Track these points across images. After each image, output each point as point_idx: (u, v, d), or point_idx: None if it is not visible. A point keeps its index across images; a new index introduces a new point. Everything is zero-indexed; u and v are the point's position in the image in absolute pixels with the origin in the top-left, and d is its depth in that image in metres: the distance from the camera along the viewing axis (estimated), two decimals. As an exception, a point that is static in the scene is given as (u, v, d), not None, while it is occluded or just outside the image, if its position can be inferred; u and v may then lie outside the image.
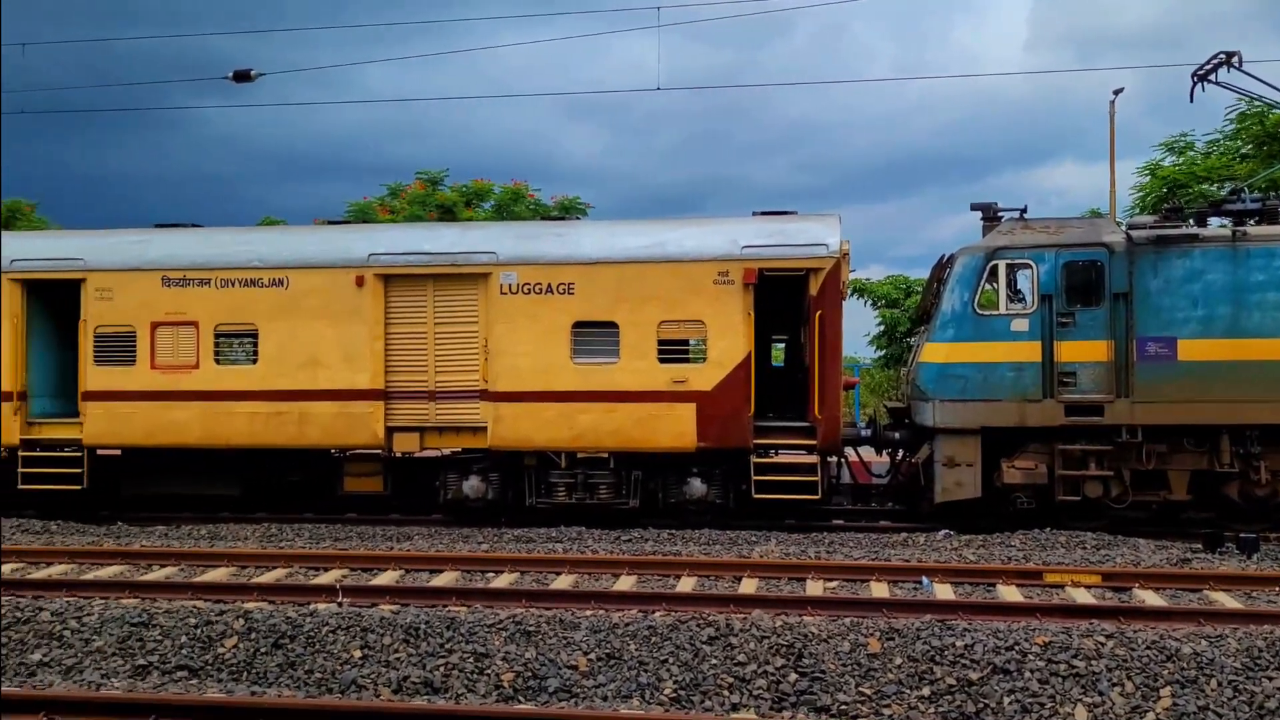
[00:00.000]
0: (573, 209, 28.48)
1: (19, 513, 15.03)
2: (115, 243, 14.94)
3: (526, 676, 7.43)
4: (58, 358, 15.42)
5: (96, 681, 7.42)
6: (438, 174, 29.53)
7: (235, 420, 14.22)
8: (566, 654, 7.68)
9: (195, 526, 14.05)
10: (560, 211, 28.14)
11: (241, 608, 8.69)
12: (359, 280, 14.08)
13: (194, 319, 14.42)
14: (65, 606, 8.75)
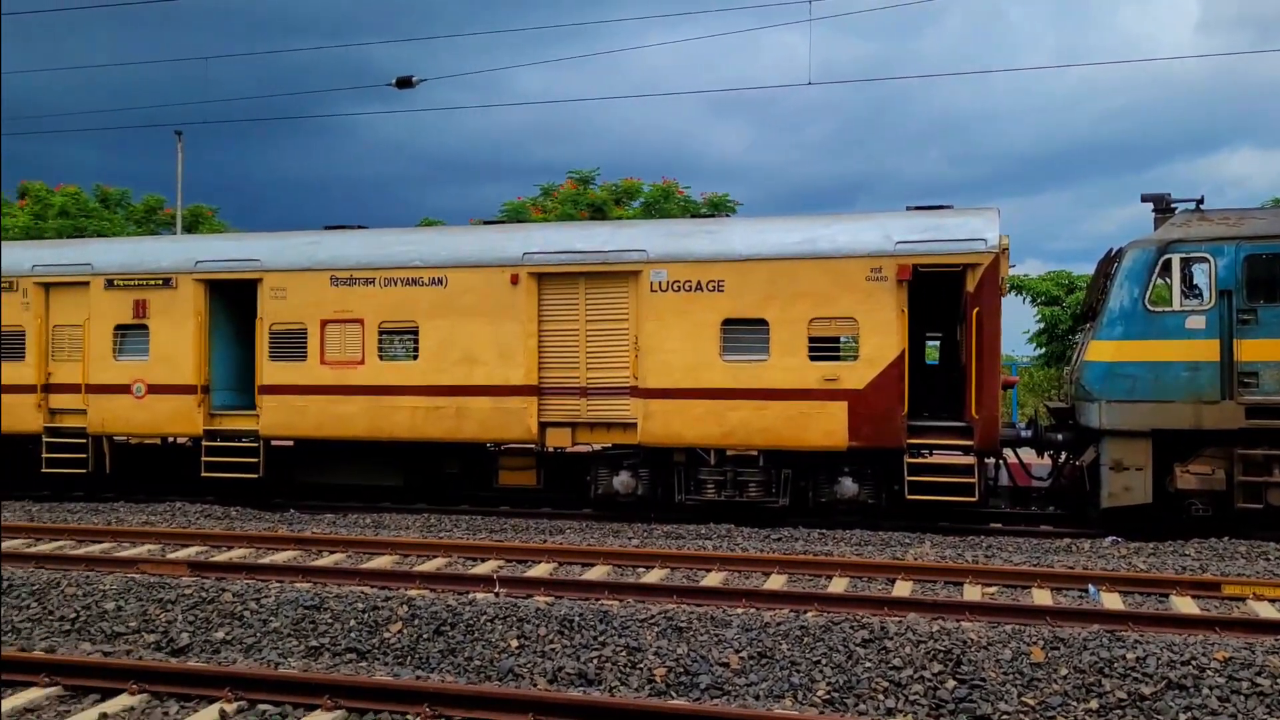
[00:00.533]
0: (722, 206, 28.45)
1: (201, 499, 16.05)
2: (288, 244, 15.74)
3: (679, 672, 7.47)
4: (236, 353, 16.36)
5: (274, 660, 7.84)
6: (588, 173, 29.98)
7: (397, 414, 14.79)
8: (718, 651, 7.70)
9: (361, 515, 14.69)
10: (710, 209, 28.16)
11: (405, 594, 9.05)
12: (513, 279, 14.43)
13: (360, 317, 15.06)
14: (245, 588, 9.29)
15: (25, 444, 16.73)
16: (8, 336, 16.35)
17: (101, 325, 16.01)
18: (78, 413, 16.12)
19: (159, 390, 15.70)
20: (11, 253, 17.28)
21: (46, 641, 8.42)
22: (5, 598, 9.38)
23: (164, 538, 12.68)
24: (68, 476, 16.34)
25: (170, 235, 28.30)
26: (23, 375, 16.25)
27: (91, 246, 17.36)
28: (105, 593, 9.31)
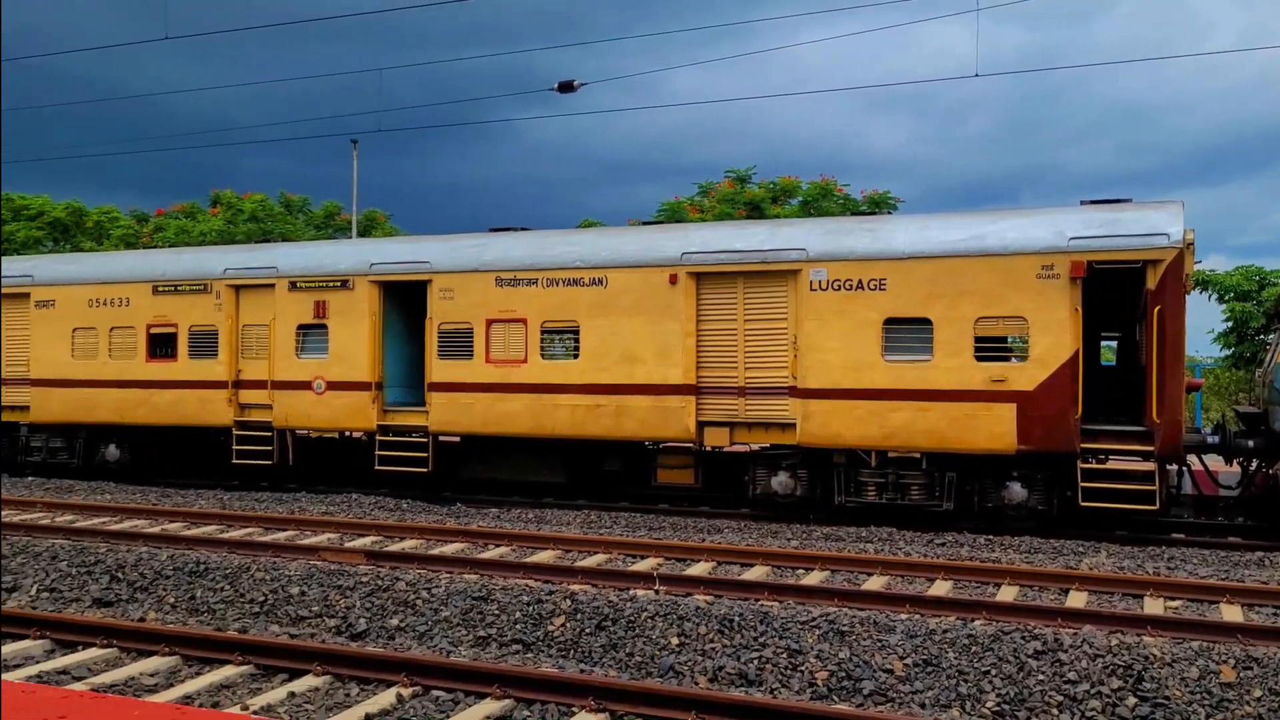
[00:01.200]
0: (882, 203, 27.90)
1: (375, 491, 16.80)
2: (456, 246, 16.30)
3: (840, 676, 7.38)
4: (406, 351, 17.06)
5: (445, 648, 8.15)
6: (745, 172, 29.91)
7: (559, 412, 15.11)
8: (881, 657, 7.56)
9: (524, 510, 15.08)
10: (870, 206, 27.65)
11: (568, 589, 9.24)
12: (672, 278, 14.53)
13: (523, 316, 15.45)
14: (417, 578, 9.68)
15: (218, 436, 17.91)
16: (203, 335, 17.51)
17: (285, 325, 16.95)
18: (264, 407, 17.12)
19: (337, 387, 16.51)
20: (206, 256, 18.53)
21: (239, 622, 8.99)
22: (202, 580, 10.06)
23: (342, 527, 13.34)
24: (255, 467, 17.37)
25: (346, 239, 29.75)
26: (215, 372, 17.37)
27: (276, 250, 18.41)
28: (290, 578, 9.86)
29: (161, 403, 17.70)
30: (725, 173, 30.22)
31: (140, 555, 10.77)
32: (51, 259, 21.07)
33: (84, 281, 18.56)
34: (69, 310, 18.51)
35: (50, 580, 10.36)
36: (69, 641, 8.12)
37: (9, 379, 19.08)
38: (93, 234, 35.08)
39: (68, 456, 18.84)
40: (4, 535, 12.06)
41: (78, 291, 18.49)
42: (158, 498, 16.30)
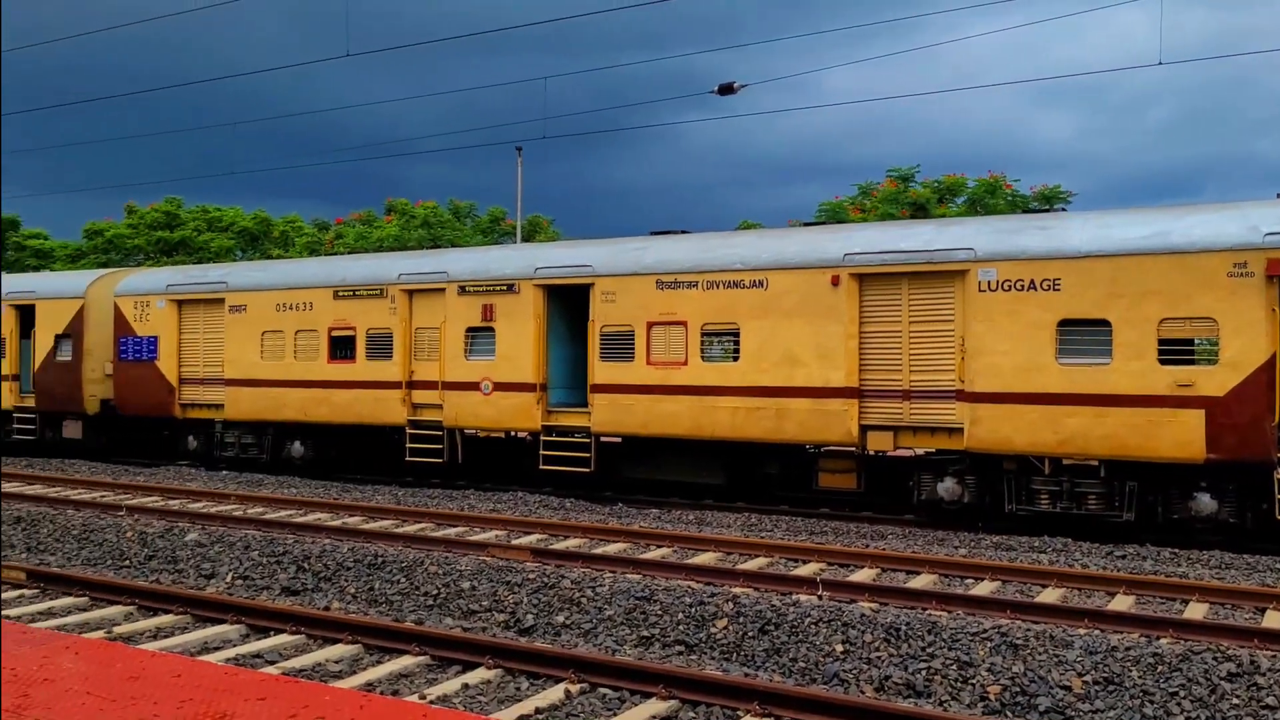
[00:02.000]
0: (1055, 199, 26.79)
1: (539, 489, 17.21)
2: (617, 250, 16.54)
3: (1014, 691, 7.13)
4: (569, 353, 17.42)
5: (610, 647, 8.29)
6: (908, 170, 29.24)
7: (719, 414, 15.13)
8: (1058, 673, 7.26)
9: (684, 512, 15.16)
10: (1040, 202, 26.58)
11: (730, 592, 9.25)
12: (834, 280, 14.34)
13: (683, 319, 15.55)
14: (582, 576, 9.87)
15: (392, 434, 18.72)
16: (379, 338, 18.34)
17: (455, 327, 17.57)
18: (434, 407, 17.80)
19: (503, 388, 17.01)
20: (382, 262, 19.39)
21: (415, 614, 9.37)
22: (380, 572, 10.53)
23: (509, 525, 13.73)
24: (426, 465, 18.07)
25: (511, 244, 30.60)
26: (390, 373, 18.17)
27: (447, 256, 19.11)
28: (461, 573, 10.21)
29: (341, 402, 18.63)
30: (887, 172, 29.67)
31: (324, 547, 11.37)
32: (243, 266, 22.47)
33: (272, 287, 19.72)
34: (259, 314, 19.69)
35: (244, 568, 11.05)
36: (261, 627, 8.65)
37: (206, 379, 20.45)
38: (279, 242, 37.28)
39: (257, 452, 20.05)
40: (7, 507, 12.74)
41: (267, 297, 19.65)
42: (338, 492, 17.16)
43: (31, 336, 22.95)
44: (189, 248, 37.61)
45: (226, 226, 38.22)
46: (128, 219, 40.35)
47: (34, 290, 23.44)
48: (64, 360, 22.34)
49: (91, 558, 11.82)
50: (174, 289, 21.00)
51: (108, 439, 22.57)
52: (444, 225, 34.86)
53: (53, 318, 22.53)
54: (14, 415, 23.26)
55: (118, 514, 14.09)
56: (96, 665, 5.90)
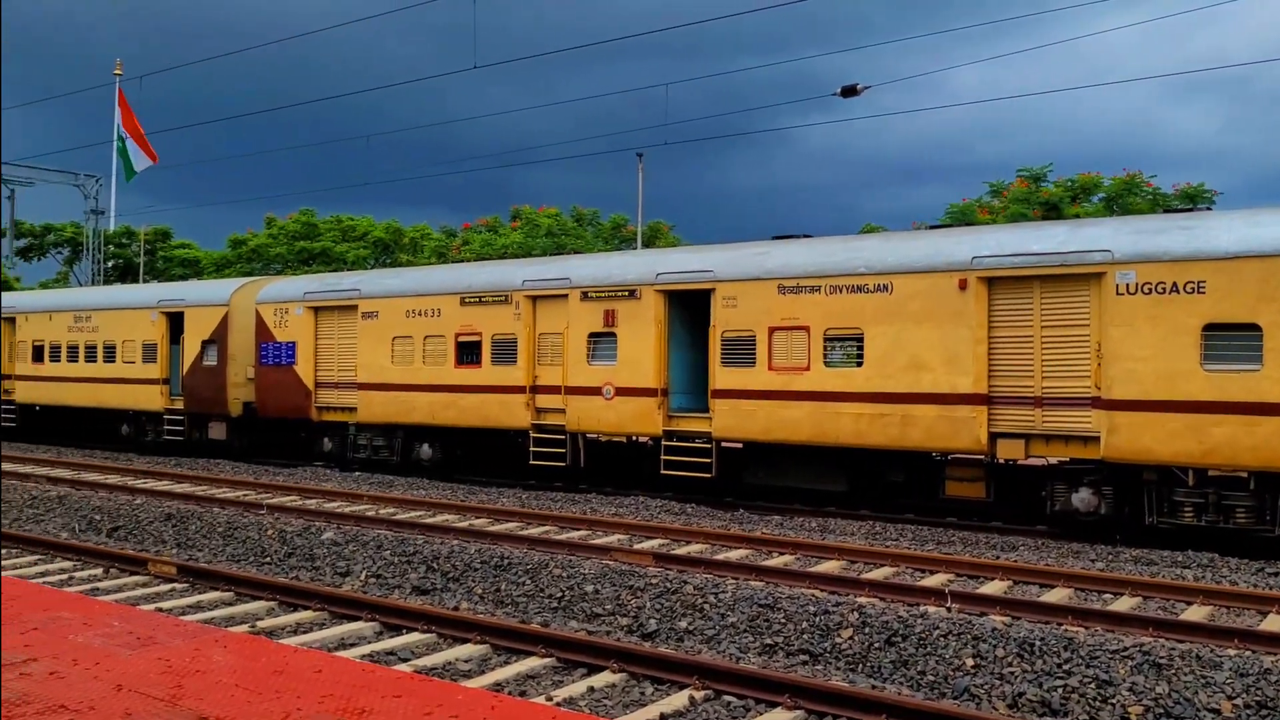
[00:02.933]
0: (1198, 198, 25.56)
1: (660, 494, 17.28)
2: (738, 255, 16.50)
3: (1158, 713, 6.83)
4: (690, 358, 17.45)
5: (734, 654, 8.27)
6: (1040, 170, 28.33)
7: (841, 420, 14.93)
8: (1206, 695, 6.92)
9: (806, 518, 15.01)
10: (1183, 201, 25.41)
11: (855, 601, 9.12)
12: (961, 283, 14.00)
13: (805, 324, 15.39)
14: (704, 582, 9.87)
15: (515, 438, 19.07)
16: (504, 343, 18.71)
17: (577, 333, 17.80)
18: (557, 411, 18.06)
19: (625, 392, 17.14)
20: (506, 269, 19.78)
21: (540, 616, 9.52)
22: (506, 574, 10.74)
23: (631, 529, 13.83)
24: (549, 468, 18.34)
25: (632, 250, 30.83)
26: (515, 377, 18.51)
27: (569, 262, 19.36)
28: (585, 576, 10.34)
29: (467, 406, 19.07)
30: (1018, 171, 28.80)
31: (452, 548, 11.65)
32: (375, 274, 23.23)
33: (402, 294, 20.33)
34: (390, 320, 20.32)
35: (376, 567, 11.41)
36: (394, 625, 8.92)
37: (340, 383, 21.21)
38: (408, 250, 38.42)
39: (388, 454, 20.69)
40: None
41: (397, 303, 20.27)
42: (465, 494, 17.57)
43: (180, 342, 24.21)
44: (327, 257, 39.12)
45: (361, 236, 39.60)
46: (267, 229, 42.20)
47: (183, 298, 24.72)
48: (210, 365, 23.49)
49: (236, 554, 12.39)
50: (311, 296, 21.85)
51: (249, 440, 23.63)
52: (567, 232, 35.40)
53: (200, 324, 23.72)
54: (164, 416, 24.56)
55: (259, 512, 14.73)
56: (243, 658, 6.18)
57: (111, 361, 25.67)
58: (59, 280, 48.70)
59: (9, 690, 5.45)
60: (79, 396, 26.53)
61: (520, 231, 35.81)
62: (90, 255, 42.21)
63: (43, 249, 49.07)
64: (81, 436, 27.73)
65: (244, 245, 42.32)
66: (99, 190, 41.64)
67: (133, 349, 25.18)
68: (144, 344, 24.91)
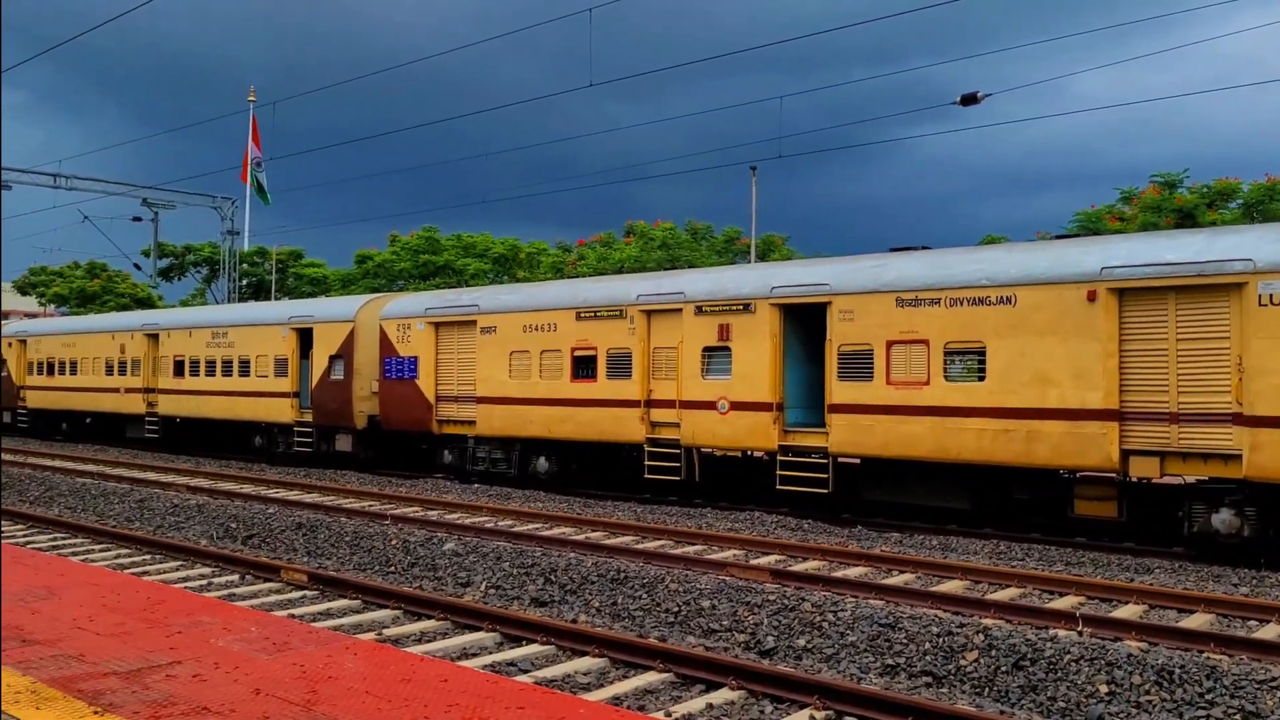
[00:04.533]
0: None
1: (775, 509, 17.13)
2: (855, 268, 16.28)
3: (1311, 750, 6.45)
4: (805, 372, 17.28)
5: (854, 674, 8.13)
6: (1175, 176, 27.18)
7: (963, 436, 14.57)
8: (1365, 732, 6.51)
9: (927, 536, 14.68)
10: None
11: (980, 622, 8.87)
12: (1090, 295, 13.53)
13: (925, 337, 15.09)
14: (823, 600, 9.75)
15: (630, 452, 19.18)
16: (619, 357, 18.86)
17: (692, 347, 17.82)
18: (672, 425, 18.10)
19: (740, 407, 17.08)
20: (621, 284, 19.95)
21: (657, 631, 9.54)
22: (623, 587, 10.79)
23: (747, 544, 13.75)
24: (663, 482, 18.38)
25: (746, 263, 30.72)
26: (630, 391, 18.63)
27: (683, 277, 19.41)
28: (701, 591, 10.31)
29: (583, 419, 19.27)
30: (1151, 177, 27.69)
31: (569, 560, 11.78)
32: (493, 290, 23.71)
33: (519, 309, 20.70)
34: (508, 335, 20.71)
35: (496, 578, 11.61)
36: (514, 636, 9.06)
37: (460, 396, 21.69)
38: (525, 265, 39.11)
39: (506, 467, 21.05)
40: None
41: (514, 318, 20.64)
42: (581, 507, 17.74)
43: (310, 357, 25.14)
44: (449, 270, 40.14)
45: (482, 253, 40.54)
46: (391, 247, 43.53)
47: (311, 314, 25.67)
48: (337, 379, 24.31)
49: (362, 563, 12.76)
50: (432, 312, 22.43)
51: (374, 452, 24.35)
52: (681, 246, 35.52)
53: (328, 339, 24.59)
54: (294, 429, 25.51)
55: (384, 523, 15.16)
56: (373, 666, 6.36)
57: (246, 376, 26.81)
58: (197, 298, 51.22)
59: (158, 691, 5.73)
60: (216, 409, 27.79)
61: (634, 246, 36.08)
62: (226, 274, 44.22)
63: (183, 268, 51.69)
64: (218, 447, 29.01)
65: (369, 261, 43.72)
66: (234, 212, 43.65)
67: (265, 364, 26.26)
68: (276, 359, 25.95)
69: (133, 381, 30.80)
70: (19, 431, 36.01)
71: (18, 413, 36.20)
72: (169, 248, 50.08)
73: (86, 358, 32.89)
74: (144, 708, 5.42)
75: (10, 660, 6.34)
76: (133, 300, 52.35)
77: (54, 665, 6.22)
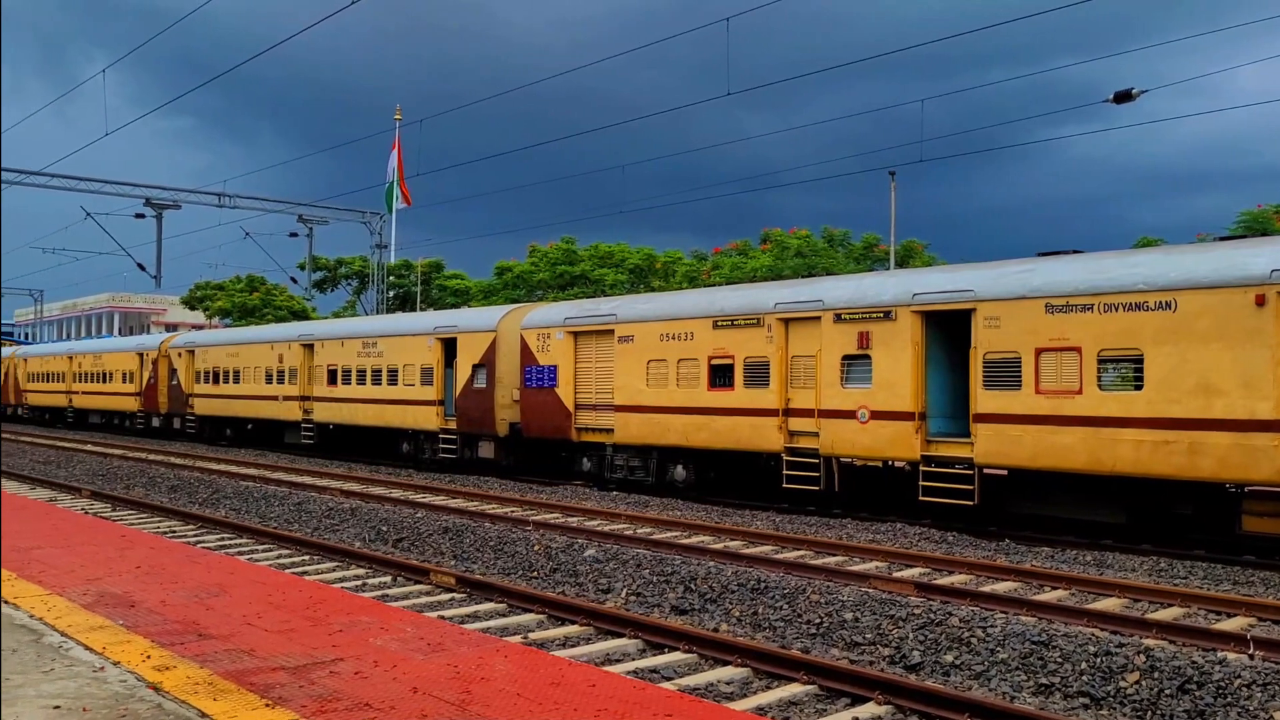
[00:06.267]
0: None
1: (918, 521, 16.76)
2: (1000, 274, 15.81)
3: None
4: (948, 381, 16.86)
5: (1005, 692, 7.89)
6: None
7: (1119, 447, 13.97)
8: None
9: (1080, 551, 14.13)
10: None
11: (1140, 643, 8.50)
12: (1259, 299, 12.81)
13: (1076, 344, 14.54)
14: (970, 615, 9.49)
15: (767, 461, 19.08)
16: (756, 366, 18.79)
17: (830, 355, 17.61)
18: (810, 435, 17.92)
19: (880, 416, 16.79)
20: (758, 293, 19.89)
21: (799, 642, 9.47)
22: (763, 597, 10.74)
23: (889, 556, 13.50)
24: (802, 492, 18.21)
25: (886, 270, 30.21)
26: (767, 400, 18.54)
27: (821, 284, 19.22)
28: (844, 603, 10.18)
29: (720, 428, 19.27)
30: (1321, 173, 26.00)
31: (709, 569, 11.79)
32: (630, 299, 23.96)
33: (656, 318, 20.85)
34: (645, 344, 20.89)
35: (636, 585, 11.72)
36: (656, 643, 9.13)
37: (598, 405, 21.99)
38: (661, 275, 39.39)
39: (643, 475, 21.22)
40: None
41: (651, 327, 20.81)
42: (719, 516, 17.74)
43: (454, 366, 25.92)
44: (585, 280, 40.80)
45: (619, 263, 41.06)
46: (530, 258, 44.50)
47: (455, 325, 26.46)
48: (480, 387, 24.98)
49: (506, 567, 13.08)
50: (571, 322, 22.82)
51: (515, 459, 24.91)
52: (817, 253, 35.18)
53: (471, 349, 25.31)
54: (439, 436, 26.33)
55: (526, 529, 15.49)
56: (522, 668, 6.52)
57: (394, 384, 27.82)
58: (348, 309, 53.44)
59: (322, 687, 6.02)
60: (366, 416, 28.93)
61: (769, 254, 35.90)
62: (375, 286, 45.98)
63: (335, 281, 54.04)
64: (368, 453, 30.18)
65: (508, 272, 44.78)
66: (382, 226, 45.35)
67: (412, 373, 27.19)
68: (422, 368, 26.85)
69: (290, 389, 32.34)
70: (187, 437, 38.26)
71: (186, 419, 38.46)
72: (322, 261, 52.46)
73: (248, 367, 34.71)
74: (311, 702, 5.70)
75: (189, 653, 6.76)
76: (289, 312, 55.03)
77: (228, 659, 6.60)
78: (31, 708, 5.60)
